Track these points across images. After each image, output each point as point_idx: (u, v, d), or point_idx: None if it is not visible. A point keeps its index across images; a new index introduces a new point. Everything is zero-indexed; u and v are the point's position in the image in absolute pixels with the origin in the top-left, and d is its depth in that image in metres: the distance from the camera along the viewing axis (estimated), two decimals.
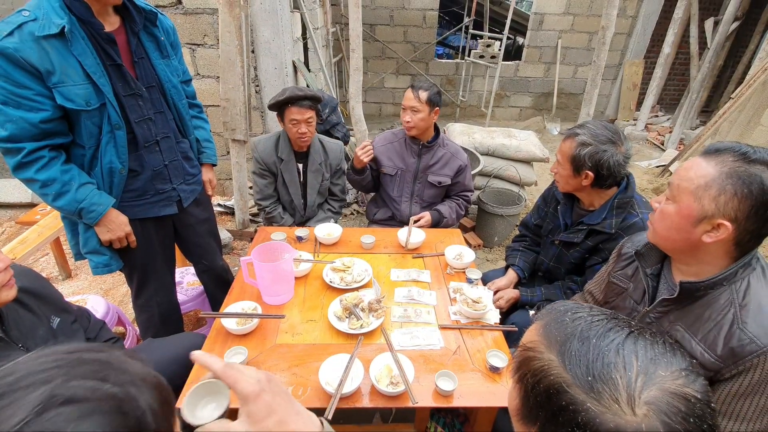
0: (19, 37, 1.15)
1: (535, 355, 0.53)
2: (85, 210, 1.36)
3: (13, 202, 3.49)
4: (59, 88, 1.22)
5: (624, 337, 0.49)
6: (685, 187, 0.89)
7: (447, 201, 2.27)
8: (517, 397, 0.55)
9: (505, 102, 6.69)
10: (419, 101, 1.98)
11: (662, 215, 0.95)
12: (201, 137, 1.75)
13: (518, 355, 0.57)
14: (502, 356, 1.26)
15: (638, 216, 1.44)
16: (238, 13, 2.50)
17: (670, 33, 5.13)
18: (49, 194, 1.31)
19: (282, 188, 2.24)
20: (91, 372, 0.41)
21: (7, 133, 1.22)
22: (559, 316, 0.55)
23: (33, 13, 1.17)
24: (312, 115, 2.04)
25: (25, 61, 1.16)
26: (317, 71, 4.14)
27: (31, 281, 1.17)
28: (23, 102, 1.20)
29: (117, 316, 2.11)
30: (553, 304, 0.59)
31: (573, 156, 1.43)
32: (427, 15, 6.01)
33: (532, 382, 0.51)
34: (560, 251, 1.66)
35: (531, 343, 0.55)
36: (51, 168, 1.29)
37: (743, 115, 3.98)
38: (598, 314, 0.54)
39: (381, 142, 2.22)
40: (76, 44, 1.22)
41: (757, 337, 0.82)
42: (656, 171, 4.47)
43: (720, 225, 0.84)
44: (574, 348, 0.49)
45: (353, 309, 1.42)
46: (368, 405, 1.15)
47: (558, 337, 0.52)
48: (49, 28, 1.17)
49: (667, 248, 1.00)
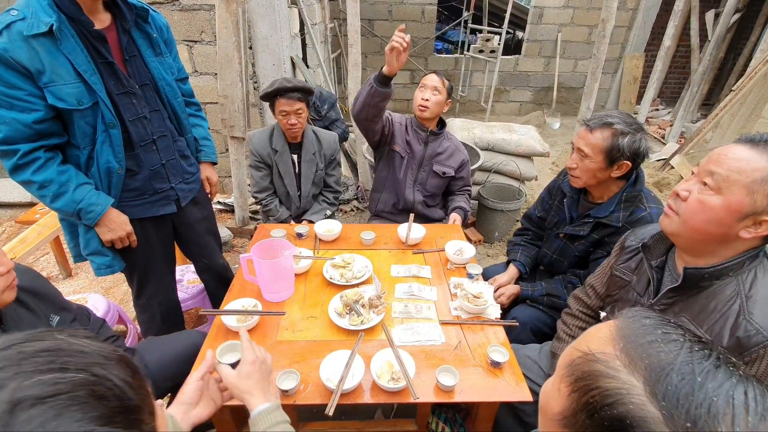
0: (7, 36, 1.13)
1: (608, 372, 0.45)
2: (83, 210, 1.35)
3: (12, 201, 3.49)
4: (50, 88, 1.21)
5: (735, 382, 0.41)
6: (736, 180, 0.82)
7: (458, 196, 2.27)
8: (568, 406, 0.48)
9: (504, 97, 6.66)
10: (442, 84, 2.01)
11: (702, 206, 0.86)
12: (199, 135, 1.73)
13: (582, 363, 0.48)
14: (503, 351, 1.25)
15: (646, 210, 1.42)
16: (235, 9, 2.48)
17: (671, 26, 5.09)
18: (47, 195, 1.30)
19: (278, 180, 2.25)
20: (45, 364, 0.37)
21: (1, 135, 1.21)
22: (645, 332, 0.47)
23: (21, 12, 1.15)
24: (301, 106, 2.03)
25: (15, 62, 1.14)
26: (316, 67, 4.12)
27: (30, 280, 1.16)
28: (15, 103, 1.19)
29: (117, 314, 2.11)
30: (634, 311, 0.51)
31: (609, 147, 1.35)
32: (426, 10, 5.98)
33: (602, 402, 0.44)
34: (564, 244, 1.65)
35: (603, 354, 0.47)
36: (47, 169, 1.28)
37: (744, 108, 3.96)
38: (695, 342, 0.45)
39: (397, 118, 2.14)
40: (66, 42, 1.20)
41: (763, 328, 0.82)
42: (657, 165, 4.45)
43: (764, 222, 0.82)
44: (673, 382, 0.41)
45: (354, 305, 1.41)
46: (369, 401, 1.15)
47: (646, 358, 0.44)
48: (38, 26, 1.14)
49: (691, 240, 0.93)
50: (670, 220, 0.95)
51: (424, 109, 2.01)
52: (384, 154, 2.18)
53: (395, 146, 2.12)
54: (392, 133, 2.11)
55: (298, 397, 1.14)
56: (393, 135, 2.12)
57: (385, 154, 2.17)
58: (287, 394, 1.13)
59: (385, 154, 2.18)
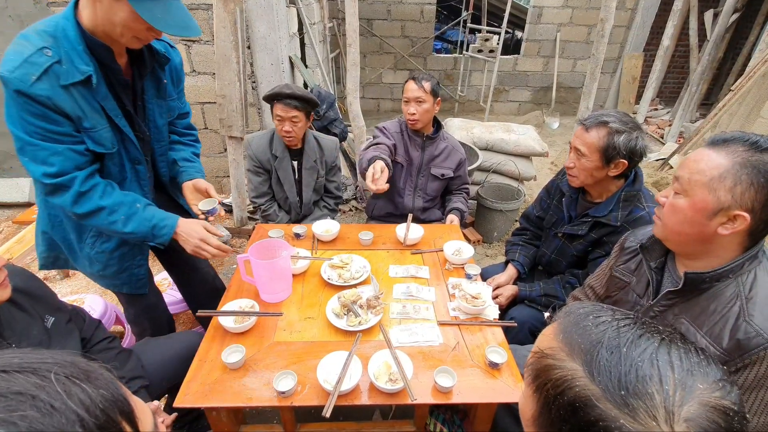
0: (48, 83, 1.08)
1: (555, 363, 0.49)
2: (157, 227, 1.29)
3: (9, 201, 3.47)
4: (90, 133, 1.18)
5: (657, 345, 0.45)
6: (697, 180, 0.86)
7: (455, 196, 2.26)
8: (534, 407, 0.51)
9: (503, 96, 6.65)
10: (424, 91, 1.94)
11: (673, 209, 0.92)
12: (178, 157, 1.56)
13: (535, 362, 0.52)
14: (501, 352, 1.25)
15: (645, 210, 1.42)
16: (233, 9, 2.47)
17: (670, 25, 5.09)
18: (118, 220, 1.24)
19: (276, 186, 2.23)
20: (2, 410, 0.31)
21: (56, 168, 1.15)
22: (579, 320, 0.51)
23: (54, 52, 1.09)
24: (297, 115, 2.00)
25: (59, 108, 1.11)
26: (314, 67, 4.11)
27: (25, 280, 1.15)
28: (63, 138, 1.15)
29: (115, 315, 2.10)
30: (572, 306, 0.55)
31: (605, 146, 1.36)
32: (425, 9, 5.97)
33: (554, 393, 0.47)
34: (563, 244, 1.64)
35: (550, 349, 0.51)
36: (113, 192, 1.24)
37: (743, 108, 3.96)
38: (623, 318, 0.49)
39: (391, 128, 2.12)
40: (100, 89, 1.18)
41: (763, 330, 0.81)
42: (656, 164, 4.45)
43: (737, 216, 0.83)
44: (603, 358, 0.45)
45: (351, 306, 1.41)
46: (367, 402, 1.14)
47: (582, 344, 0.48)
48: (74, 75, 1.11)
49: (676, 242, 0.97)
50: (657, 227, 1.01)
51: (414, 122, 2.01)
52: None
53: (397, 158, 2.11)
54: (395, 151, 2.09)
55: (296, 398, 1.14)
56: (395, 151, 2.10)
57: None
58: (284, 395, 1.12)
59: None
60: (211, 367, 1.22)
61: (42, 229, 1.42)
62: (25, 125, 1.10)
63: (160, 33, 1.14)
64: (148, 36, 1.13)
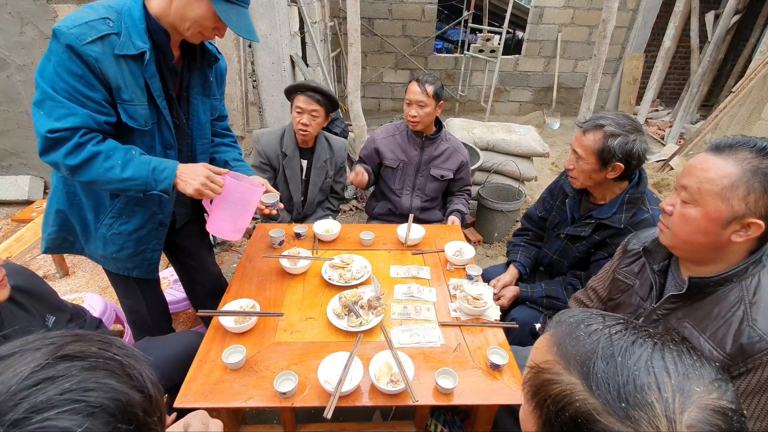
0: (101, 48, 1.12)
1: (552, 378, 0.48)
2: (157, 169, 1.23)
3: (8, 199, 3.47)
4: (126, 106, 1.20)
5: (651, 351, 0.45)
6: (708, 189, 0.85)
7: (456, 197, 2.26)
8: (536, 424, 0.50)
9: (504, 97, 6.65)
10: (426, 95, 1.95)
11: (684, 219, 0.90)
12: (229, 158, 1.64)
13: (532, 378, 0.51)
14: (502, 353, 1.25)
15: (648, 212, 1.42)
16: None
17: (671, 26, 5.09)
18: (116, 165, 1.20)
19: (282, 184, 2.22)
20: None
21: (66, 125, 1.12)
22: (572, 330, 0.50)
23: (116, 25, 1.14)
24: (318, 109, 2.02)
25: (102, 73, 1.13)
26: (315, 66, 4.10)
27: (25, 279, 1.15)
28: (89, 104, 1.15)
29: (114, 313, 2.10)
30: (561, 315, 0.54)
31: (601, 148, 1.36)
32: (426, 9, 5.96)
33: (555, 409, 0.46)
34: (565, 245, 1.64)
35: (545, 363, 0.50)
36: (107, 141, 1.21)
37: (744, 109, 3.96)
38: (614, 324, 0.49)
39: (383, 134, 2.19)
40: (149, 68, 1.21)
41: (767, 334, 0.81)
42: (656, 166, 4.45)
43: (751, 224, 0.82)
44: (599, 369, 0.45)
45: (352, 306, 1.40)
46: (368, 403, 1.14)
47: (576, 355, 0.47)
48: (129, 48, 1.15)
49: (686, 251, 0.96)
50: (664, 235, 0.99)
51: (415, 124, 2.03)
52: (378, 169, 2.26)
53: (385, 161, 2.18)
54: (381, 155, 2.18)
55: (296, 399, 1.13)
56: (381, 155, 2.18)
57: (380, 170, 2.25)
58: (285, 396, 1.12)
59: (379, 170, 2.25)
60: (212, 368, 1.21)
61: (57, 208, 1.40)
62: (56, 81, 1.11)
63: (222, 34, 1.26)
64: (211, 35, 1.24)
